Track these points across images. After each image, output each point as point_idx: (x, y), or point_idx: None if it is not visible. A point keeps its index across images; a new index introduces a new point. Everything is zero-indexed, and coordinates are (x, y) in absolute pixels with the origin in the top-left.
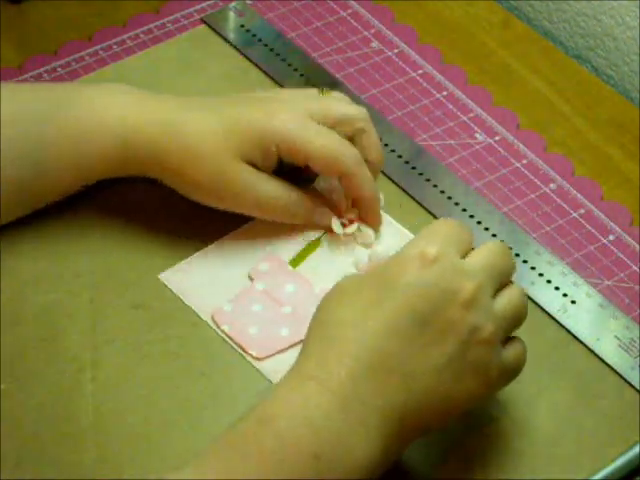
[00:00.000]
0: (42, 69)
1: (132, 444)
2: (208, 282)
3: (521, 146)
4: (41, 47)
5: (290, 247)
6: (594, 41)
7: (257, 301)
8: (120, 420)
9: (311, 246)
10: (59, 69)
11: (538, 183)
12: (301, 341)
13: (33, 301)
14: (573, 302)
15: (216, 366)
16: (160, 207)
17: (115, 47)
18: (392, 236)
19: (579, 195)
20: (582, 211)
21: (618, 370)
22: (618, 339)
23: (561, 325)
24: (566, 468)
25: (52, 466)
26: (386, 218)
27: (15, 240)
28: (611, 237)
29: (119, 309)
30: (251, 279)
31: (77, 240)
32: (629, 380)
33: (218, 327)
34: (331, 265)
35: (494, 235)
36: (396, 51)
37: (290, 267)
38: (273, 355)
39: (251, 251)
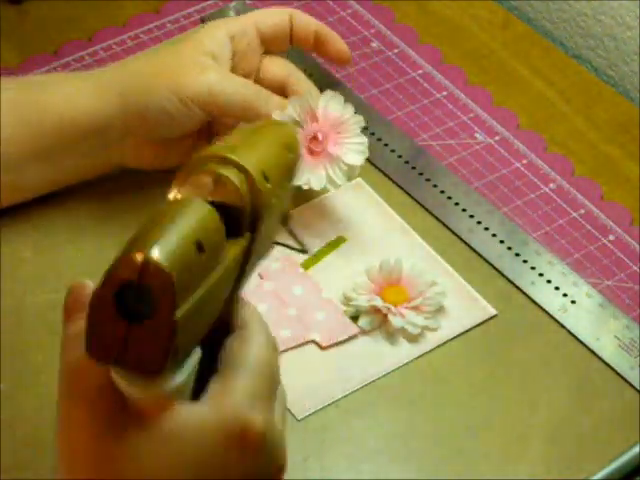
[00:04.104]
0: (42, 69)
1: None
2: None
3: (521, 146)
4: (41, 47)
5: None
6: (594, 41)
7: (264, 301)
8: None
9: (325, 250)
10: (59, 69)
11: (538, 183)
12: (301, 344)
13: (33, 301)
14: (573, 302)
15: None
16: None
17: (115, 47)
18: (407, 245)
19: (579, 195)
20: (582, 211)
21: (618, 370)
22: (618, 339)
23: (561, 325)
24: (566, 468)
25: (52, 466)
26: (403, 226)
27: (15, 240)
28: (611, 237)
29: None
30: (261, 277)
31: (77, 240)
32: (629, 380)
33: None
34: (342, 271)
35: (494, 235)
36: (396, 51)
37: (301, 269)
38: None
39: None
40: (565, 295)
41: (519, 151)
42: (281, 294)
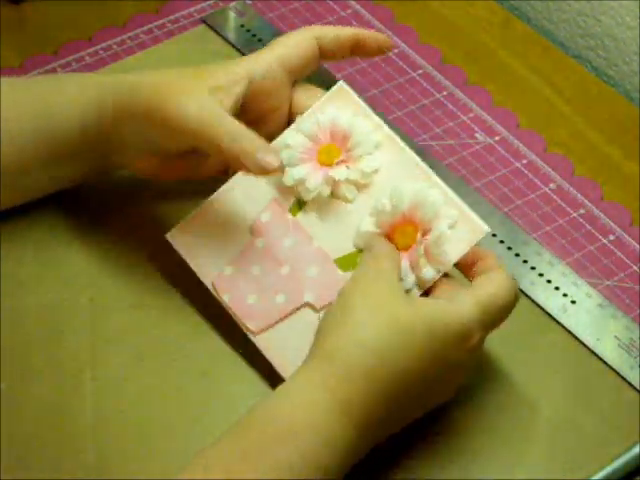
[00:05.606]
0: (42, 69)
1: (132, 444)
2: (211, 240)
3: (521, 146)
4: (41, 47)
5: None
6: (594, 41)
7: (256, 262)
8: (120, 420)
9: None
10: (59, 69)
11: (538, 183)
12: (295, 309)
13: (33, 301)
14: (573, 302)
15: (216, 366)
16: (160, 206)
17: (115, 47)
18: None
19: (579, 195)
20: (582, 211)
21: (618, 370)
22: (618, 339)
23: (561, 325)
24: (566, 468)
25: (52, 466)
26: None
27: (15, 240)
28: (611, 237)
29: (119, 309)
30: (251, 233)
31: (77, 240)
32: (629, 380)
33: (218, 296)
34: (335, 215)
35: (494, 235)
36: (396, 51)
37: (290, 215)
38: (268, 328)
39: (254, 199)
40: (565, 295)
41: (519, 151)
42: (272, 250)
